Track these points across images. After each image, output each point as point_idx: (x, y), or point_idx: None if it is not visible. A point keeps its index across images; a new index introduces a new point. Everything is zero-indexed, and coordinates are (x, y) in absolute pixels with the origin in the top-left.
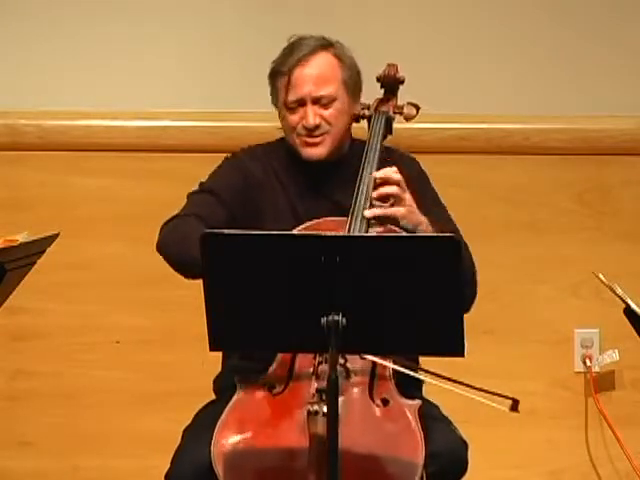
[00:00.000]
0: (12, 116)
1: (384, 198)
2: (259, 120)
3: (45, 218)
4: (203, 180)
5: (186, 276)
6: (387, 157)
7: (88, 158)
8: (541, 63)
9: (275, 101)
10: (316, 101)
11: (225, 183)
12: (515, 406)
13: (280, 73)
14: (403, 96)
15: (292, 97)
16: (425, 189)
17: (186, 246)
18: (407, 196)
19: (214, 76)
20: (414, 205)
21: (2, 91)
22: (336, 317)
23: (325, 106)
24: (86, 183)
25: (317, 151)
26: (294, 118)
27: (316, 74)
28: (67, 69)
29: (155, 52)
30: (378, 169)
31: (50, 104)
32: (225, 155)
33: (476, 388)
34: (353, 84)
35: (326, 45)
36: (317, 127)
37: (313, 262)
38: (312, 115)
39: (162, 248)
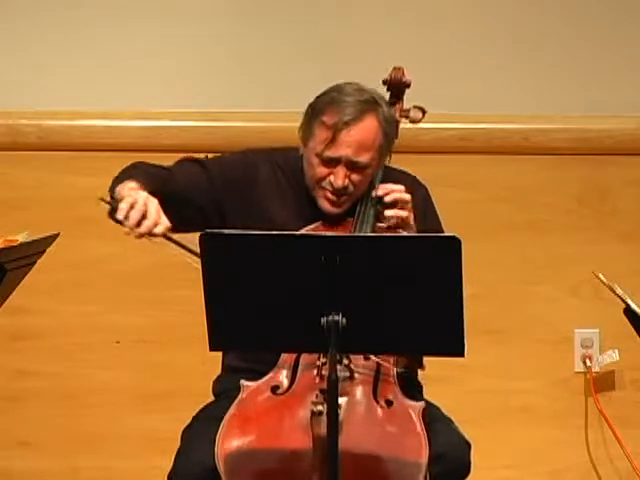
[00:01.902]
0: (12, 116)
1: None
2: (259, 120)
3: (45, 218)
4: (209, 156)
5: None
6: (399, 180)
7: (88, 158)
8: (541, 63)
9: (305, 140)
10: (350, 165)
11: (224, 164)
12: None
13: (324, 124)
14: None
15: (329, 154)
16: (428, 215)
17: (121, 178)
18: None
19: (214, 76)
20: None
21: (2, 91)
22: (336, 317)
23: (357, 171)
24: (86, 183)
25: (336, 210)
26: (323, 171)
27: (359, 140)
28: (67, 69)
29: (155, 52)
30: (384, 176)
31: (50, 104)
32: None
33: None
34: (387, 146)
35: (373, 108)
36: (344, 188)
37: (313, 262)
38: (342, 177)
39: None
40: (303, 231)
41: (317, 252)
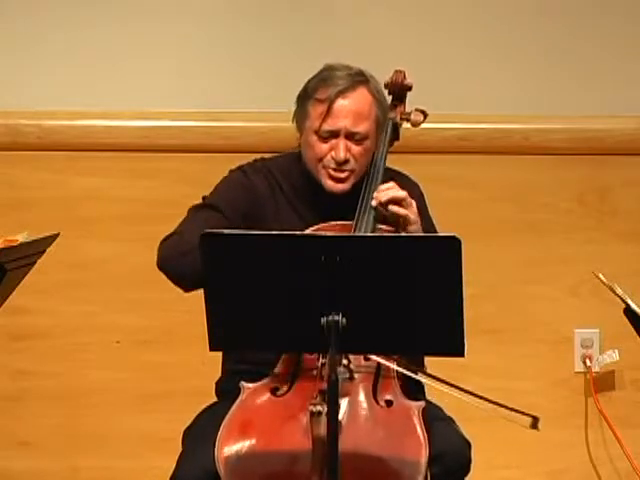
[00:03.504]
0: (12, 116)
1: (391, 204)
2: (258, 120)
3: (45, 218)
4: (206, 194)
5: (186, 289)
6: (391, 178)
7: (88, 158)
8: (541, 63)
9: (300, 124)
10: (349, 136)
11: (227, 198)
12: (535, 424)
13: (317, 100)
14: None
15: (327, 127)
16: (422, 213)
17: (187, 260)
18: (414, 204)
19: (214, 76)
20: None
21: (2, 91)
22: (336, 317)
23: (356, 142)
24: (86, 183)
25: (341, 186)
26: (323, 148)
27: (355, 109)
28: (67, 69)
29: (155, 52)
30: (384, 177)
31: (50, 104)
32: (230, 168)
33: (495, 403)
34: (383, 121)
35: (364, 81)
36: (346, 162)
37: (313, 262)
38: (344, 149)
39: (163, 264)
40: (312, 229)
41: (317, 252)
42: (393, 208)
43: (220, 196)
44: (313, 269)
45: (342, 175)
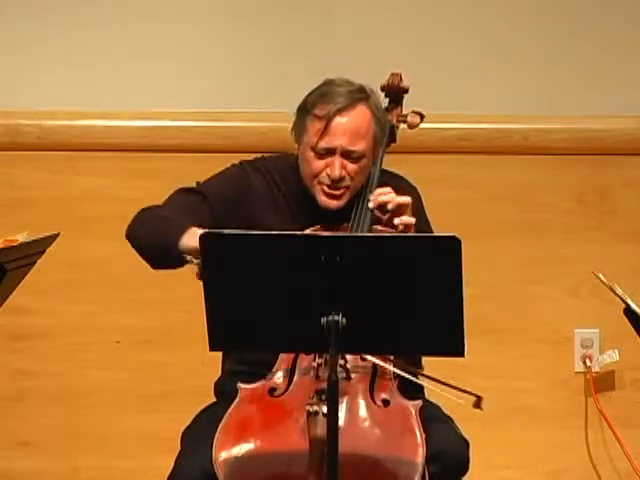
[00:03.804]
0: (12, 116)
1: (384, 208)
2: (258, 120)
3: (45, 218)
4: (200, 181)
5: (151, 264)
6: (390, 182)
7: (88, 158)
8: (541, 63)
9: (298, 137)
10: (345, 154)
11: (220, 190)
12: (478, 403)
13: (316, 116)
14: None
15: (324, 145)
16: (420, 217)
17: (146, 230)
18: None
19: (214, 76)
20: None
21: (2, 91)
22: (336, 317)
23: (352, 160)
24: (86, 183)
25: (335, 203)
26: (319, 164)
27: (352, 128)
28: (67, 69)
29: (155, 52)
30: (380, 181)
31: (50, 104)
32: (232, 162)
33: (443, 382)
34: (381, 136)
35: (364, 98)
36: (341, 179)
37: (313, 262)
38: (339, 167)
39: (127, 233)
40: (311, 229)
41: (317, 252)
42: (403, 219)
43: (213, 186)
44: (313, 269)
45: (337, 192)
